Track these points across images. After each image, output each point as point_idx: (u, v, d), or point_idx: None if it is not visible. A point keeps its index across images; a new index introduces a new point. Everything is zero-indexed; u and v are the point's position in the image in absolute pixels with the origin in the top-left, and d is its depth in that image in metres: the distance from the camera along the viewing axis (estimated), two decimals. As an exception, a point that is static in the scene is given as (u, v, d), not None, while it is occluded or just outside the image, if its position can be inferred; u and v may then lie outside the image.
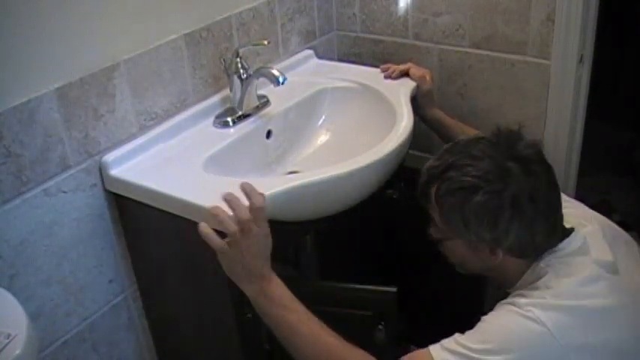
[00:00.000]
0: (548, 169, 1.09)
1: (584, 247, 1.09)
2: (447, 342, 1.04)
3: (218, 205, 1.05)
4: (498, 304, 1.09)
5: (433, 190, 1.11)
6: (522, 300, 1.04)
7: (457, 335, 1.04)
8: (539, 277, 1.07)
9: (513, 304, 1.05)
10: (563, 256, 1.08)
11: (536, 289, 1.06)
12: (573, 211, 1.19)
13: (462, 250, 1.14)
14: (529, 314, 1.01)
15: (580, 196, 1.63)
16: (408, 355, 1.06)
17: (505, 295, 1.12)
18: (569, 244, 1.09)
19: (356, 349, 1.06)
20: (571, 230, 1.11)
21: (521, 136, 1.11)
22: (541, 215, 1.06)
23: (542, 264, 1.09)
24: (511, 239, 1.06)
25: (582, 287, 1.04)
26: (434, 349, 1.03)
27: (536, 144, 1.10)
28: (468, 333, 1.04)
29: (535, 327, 1.00)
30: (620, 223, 1.24)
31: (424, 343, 1.69)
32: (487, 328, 1.04)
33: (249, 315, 1.25)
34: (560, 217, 1.11)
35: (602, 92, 1.89)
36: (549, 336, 0.99)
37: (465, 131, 1.55)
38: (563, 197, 1.19)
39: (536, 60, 1.53)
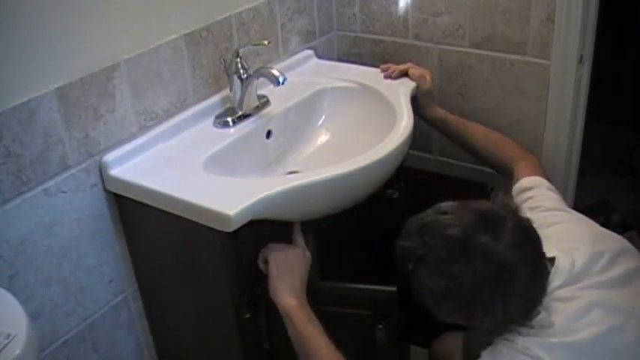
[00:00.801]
0: (527, 259, 1.02)
1: (571, 273, 1.06)
2: None
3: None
4: (496, 340, 1.07)
5: (410, 267, 1.07)
6: (519, 339, 1.03)
7: None
8: (533, 317, 1.05)
9: (512, 341, 1.03)
10: (551, 292, 1.05)
11: (532, 327, 1.04)
12: (565, 228, 1.16)
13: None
14: (529, 352, 1.00)
15: (580, 196, 1.64)
16: None
17: None
18: (555, 276, 1.06)
19: None
20: (553, 259, 1.07)
21: (504, 223, 1.02)
22: (513, 293, 1.01)
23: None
24: (487, 324, 1.04)
25: (575, 322, 1.02)
26: None
27: (513, 227, 1.02)
28: None
29: None
30: (620, 223, 1.24)
31: (424, 343, 1.69)
32: None
33: (249, 315, 1.26)
34: (542, 274, 1.06)
35: (602, 92, 1.89)
36: None
37: (468, 127, 1.55)
38: (561, 207, 1.18)
39: (536, 60, 1.53)
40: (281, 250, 1.23)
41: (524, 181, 1.34)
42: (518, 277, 1.01)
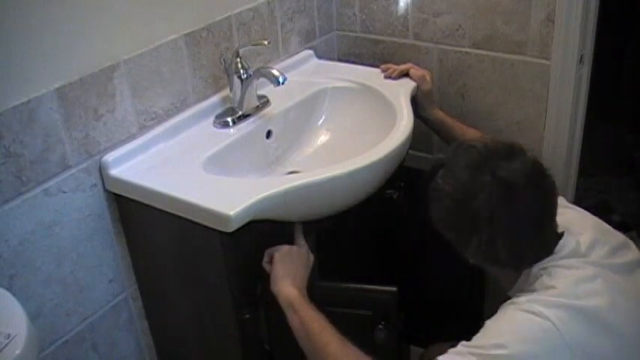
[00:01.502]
0: (535, 192, 1.06)
1: (577, 249, 1.09)
2: (455, 350, 1.03)
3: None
4: (500, 307, 1.09)
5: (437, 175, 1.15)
6: (522, 298, 1.05)
7: (462, 342, 1.04)
8: (535, 281, 1.07)
9: (514, 302, 1.05)
10: (556, 259, 1.08)
11: (534, 290, 1.06)
12: (569, 218, 1.17)
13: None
14: (532, 309, 1.01)
15: (580, 196, 1.64)
16: None
17: (506, 299, 1.12)
18: (562, 248, 1.08)
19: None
20: (562, 234, 1.10)
21: (514, 153, 1.08)
22: (511, 233, 1.05)
23: (534, 269, 1.08)
24: (471, 251, 1.09)
25: (578, 286, 1.04)
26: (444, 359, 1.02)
27: (530, 162, 1.08)
28: (474, 337, 1.03)
29: (539, 320, 1.00)
30: (620, 223, 1.24)
31: (424, 343, 1.69)
32: (492, 326, 1.04)
33: (249, 315, 1.26)
34: (549, 230, 1.09)
35: (602, 92, 1.89)
36: (554, 330, 0.99)
37: (466, 132, 1.55)
38: (564, 204, 1.19)
39: (536, 60, 1.53)
40: (286, 248, 1.24)
41: None
42: (524, 208, 1.05)
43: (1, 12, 1.04)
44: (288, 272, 1.20)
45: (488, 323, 1.05)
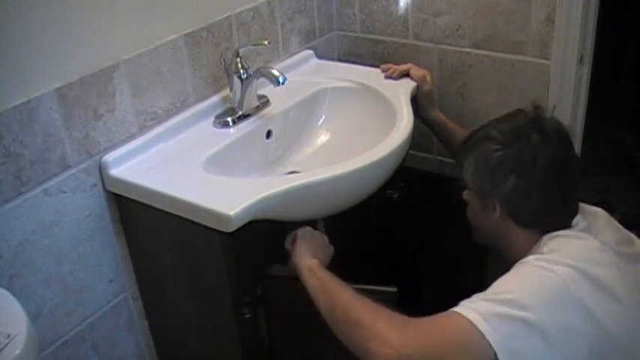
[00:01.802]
0: (569, 154, 1.15)
1: (589, 227, 1.12)
2: (474, 306, 1.02)
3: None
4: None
5: (463, 149, 1.23)
6: (530, 257, 1.08)
7: (472, 297, 1.05)
8: (544, 247, 1.10)
9: (522, 262, 1.08)
10: (568, 233, 1.11)
11: (542, 253, 1.08)
12: (582, 206, 1.20)
13: (475, 206, 1.21)
14: (540, 264, 1.04)
15: (580, 196, 1.63)
16: (433, 319, 1.04)
17: None
18: (575, 225, 1.12)
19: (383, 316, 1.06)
20: (576, 212, 1.14)
21: (554, 117, 1.17)
22: (544, 186, 1.11)
23: (545, 238, 1.11)
24: (505, 193, 1.13)
25: (586, 253, 1.07)
26: (471, 315, 1.00)
27: (566, 129, 1.16)
28: (484, 292, 1.05)
29: (547, 274, 1.03)
30: (620, 223, 1.25)
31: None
32: (501, 281, 1.06)
33: (249, 315, 1.26)
34: (573, 202, 1.15)
35: (602, 92, 1.89)
36: (560, 282, 1.02)
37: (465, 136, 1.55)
38: None
39: (536, 60, 1.53)
40: (309, 228, 1.28)
41: None
42: (564, 168, 1.13)
43: (1, 12, 1.04)
44: (310, 249, 1.22)
45: (497, 281, 1.07)
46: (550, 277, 1.02)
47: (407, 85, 1.55)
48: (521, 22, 1.52)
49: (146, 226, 1.30)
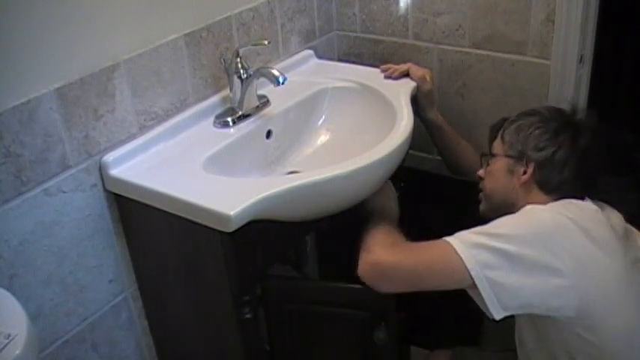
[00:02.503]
0: (605, 148, 1.28)
1: (599, 209, 1.20)
2: (461, 235, 1.12)
3: None
4: None
5: (507, 122, 1.31)
6: (529, 206, 1.17)
7: (468, 231, 1.13)
8: None
9: (525, 210, 1.17)
10: (572, 200, 1.19)
11: None
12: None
13: (501, 172, 1.28)
14: (536, 209, 1.15)
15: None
16: (421, 243, 1.16)
17: None
18: (586, 202, 1.20)
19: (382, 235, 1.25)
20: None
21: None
22: (577, 165, 1.21)
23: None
24: (542, 158, 1.22)
25: (583, 211, 1.16)
26: (454, 242, 1.10)
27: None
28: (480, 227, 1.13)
29: (542, 217, 1.13)
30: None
31: (424, 343, 1.69)
32: (497, 222, 1.14)
33: (249, 315, 1.26)
34: (593, 181, 1.24)
35: (602, 92, 1.89)
36: (552, 226, 1.10)
37: (461, 143, 1.58)
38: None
39: (536, 60, 1.53)
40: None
41: None
42: (598, 149, 1.24)
43: (1, 12, 1.04)
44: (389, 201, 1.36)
45: (496, 221, 1.15)
46: (543, 219, 1.12)
47: (407, 85, 1.55)
48: (521, 22, 1.52)
49: (146, 226, 1.30)
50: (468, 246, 1.09)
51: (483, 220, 1.46)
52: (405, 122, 1.38)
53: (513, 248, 1.06)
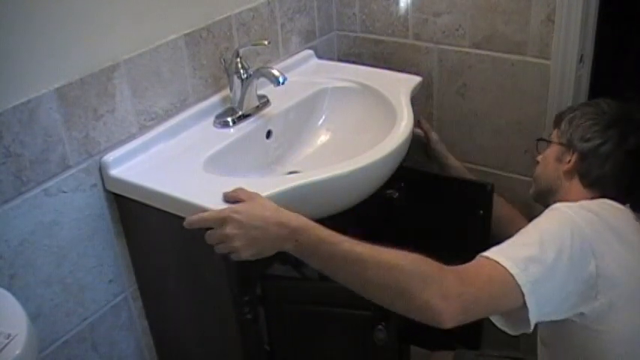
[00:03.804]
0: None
1: (638, 217, 1.19)
2: (503, 251, 1.03)
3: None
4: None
5: (569, 110, 1.35)
6: (559, 204, 1.15)
7: (506, 245, 1.06)
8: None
9: (551, 208, 1.14)
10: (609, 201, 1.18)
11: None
12: None
13: (550, 158, 1.32)
14: (566, 209, 1.11)
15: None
16: (477, 269, 1.02)
17: None
18: (625, 207, 1.19)
19: (410, 259, 1.00)
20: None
21: None
22: (621, 164, 1.22)
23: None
24: (586, 150, 1.24)
25: (613, 210, 1.15)
26: (503, 260, 1.00)
27: None
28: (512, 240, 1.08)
29: (570, 212, 1.10)
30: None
31: (424, 343, 1.69)
32: (529, 229, 1.10)
33: (249, 315, 1.26)
34: (637, 184, 1.23)
35: (602, 92, 1.89)
36: (591, 214, 1.10)
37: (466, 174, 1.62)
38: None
39: (536, 60, 1.53)
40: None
41: None
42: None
43: (1, 12, 1.04)
44: (261, 247, 1.05)
45: (525, 227, 1.12)
46: (566, 217, 1.08)
47: (407, 85, 1.55)
48: (521, 22, 1.52)
49: (146, 226, 1.30)
50: (515, 262, 1.00)
51: (483, 222, 1.47)
52: (405, 122, 1.38)
53: (550, 254, 1.01)
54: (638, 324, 1.10)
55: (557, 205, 1.14)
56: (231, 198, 1.08)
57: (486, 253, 1.03)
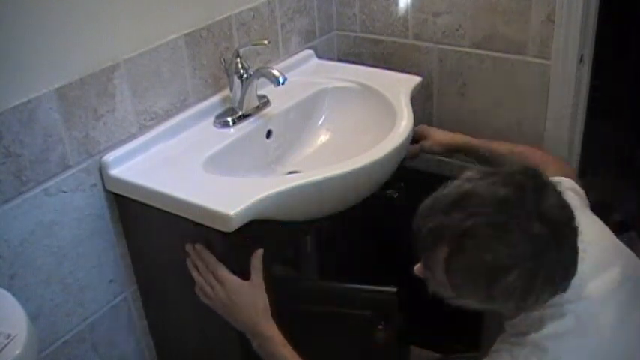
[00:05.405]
0: (574, 229, 0.96)
1: (576, 291, 1.00)
2: (509, 353, 1.00)
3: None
4: (498, 341, 1.08)
5: (443, 251, 0.97)
6: (519, 351, 1.01)
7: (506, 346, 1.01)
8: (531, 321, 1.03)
9: (512, 352, 1.02)
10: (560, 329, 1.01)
11: (527, 334, 1.02)
12: (595, 254, 1.05)
13: (467, 302, 1.03)
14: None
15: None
16: None
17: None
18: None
19: None
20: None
21: (546, 185, 0.97)
22: (561, 280, 0.98)
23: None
24: (499, 291, 0.95)
25: (554, 334, 1.00)
26: None
27: (560, 195, 0.97)
28: None
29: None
30: (620, 223, 1.24)
31: (424, 343, 1.69)
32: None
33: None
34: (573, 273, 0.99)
35: (602, 92, 1.89)
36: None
37: (492, 146, 1.51)
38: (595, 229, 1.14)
39: (536, 60, 1.53)
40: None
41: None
42: (567, 243, 0.94)
43: (1, 12, 1.04)
44: (238, 322, 1.21)
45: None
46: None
47: (407, 85, 1.55)
48: (521, 22, 1.51)
49: (146, 226, 1.30)
50: None
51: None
52: (405, 122, 1.38)
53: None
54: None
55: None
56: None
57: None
